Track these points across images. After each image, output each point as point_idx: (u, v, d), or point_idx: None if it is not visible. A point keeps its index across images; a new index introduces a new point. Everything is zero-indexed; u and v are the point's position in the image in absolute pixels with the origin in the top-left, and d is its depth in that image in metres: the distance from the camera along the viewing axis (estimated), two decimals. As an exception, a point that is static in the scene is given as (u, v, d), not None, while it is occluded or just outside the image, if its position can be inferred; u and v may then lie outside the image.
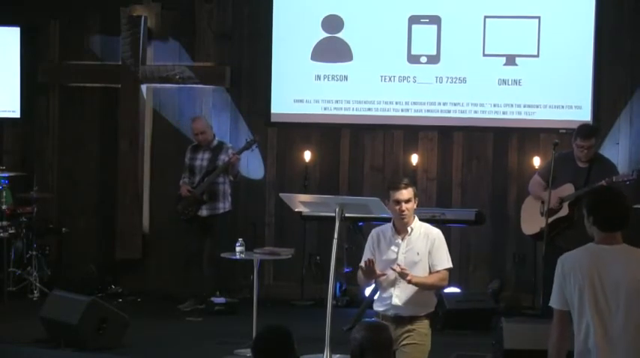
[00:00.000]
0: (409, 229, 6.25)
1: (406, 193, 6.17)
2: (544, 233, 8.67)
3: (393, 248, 6.28)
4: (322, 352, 7.38)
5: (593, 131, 8.88)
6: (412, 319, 6.19)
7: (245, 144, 10.28)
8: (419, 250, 6.23)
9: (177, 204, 10.30)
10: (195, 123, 10.35)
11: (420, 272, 6.20)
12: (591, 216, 4.70)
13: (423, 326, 6.23)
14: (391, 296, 6.23)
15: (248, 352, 7.78)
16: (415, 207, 6.26)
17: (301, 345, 4.53)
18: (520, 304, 10.27)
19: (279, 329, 4.48)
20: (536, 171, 9.33)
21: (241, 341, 8.31)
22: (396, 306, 6.20)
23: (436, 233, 6.30)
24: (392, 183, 6.33)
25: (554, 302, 4.74)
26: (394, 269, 6.12)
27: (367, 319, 6.02)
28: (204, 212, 10.15)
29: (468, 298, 9.62)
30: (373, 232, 6.41)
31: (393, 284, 6.24)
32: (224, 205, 10.19)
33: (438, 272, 6.24)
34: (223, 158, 10.15)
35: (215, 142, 10.30)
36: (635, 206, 9.66)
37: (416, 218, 6.34)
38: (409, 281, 6.10)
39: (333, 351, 7.39)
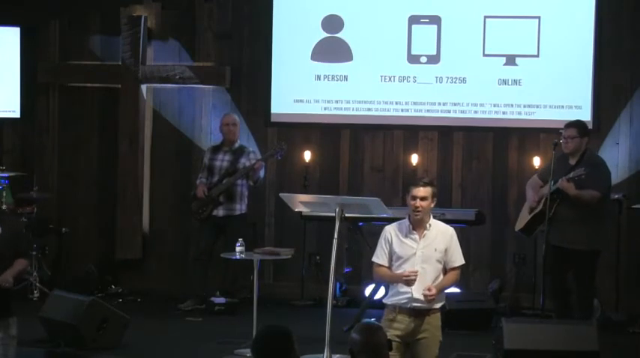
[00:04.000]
0: (427, 225, 6.44)
1: (422, 191, 6.40)
2: (528, 228, 8.88)
3: (411, 243, 6.41)
4: (322, 352, 7.39)
5: (574, 122, 8.84)
6: (429, 311, 6.37)
7: (270, 150, 10.29)
8: (437, 246, 6.42)
9: (191, 203, 10.28)
10: (227, 117, 10.35)
11: (435, 267, 6.41)
12: None
13: (437, 318, 6.43)
14: (410, 290, 6.33)
15: (248, 352, 7.78)
16: (432, 206, 6.47)
17: (301, 345, 4.52)
18: (520, 304, 10.26)
19: (279, 330, 4.48)
20: (536, 172, 9.32)
21: (241, 341, 8.31)
22: (415, 299, 6.33)
23: (452, 231, 6.55)
24: (413, 179, 6.68)
25: None
26: (425, 295, 6.30)
27: (366, 320, 6.03)
28: (220, 212, 10.11)
29: (468, 298, 9.60)
30: (388, 228, 6.53)
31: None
32: (240, 207, 10.16)
33: (453, 269, 6.47)
34: (244, 161, 10.12)
35: (237, 144, 10.28)
36: (635, 206, 9.74)
37: (431, 216, 6.51)
38: (433, 295, 6.30)
39: (333, 351, 7.40)
